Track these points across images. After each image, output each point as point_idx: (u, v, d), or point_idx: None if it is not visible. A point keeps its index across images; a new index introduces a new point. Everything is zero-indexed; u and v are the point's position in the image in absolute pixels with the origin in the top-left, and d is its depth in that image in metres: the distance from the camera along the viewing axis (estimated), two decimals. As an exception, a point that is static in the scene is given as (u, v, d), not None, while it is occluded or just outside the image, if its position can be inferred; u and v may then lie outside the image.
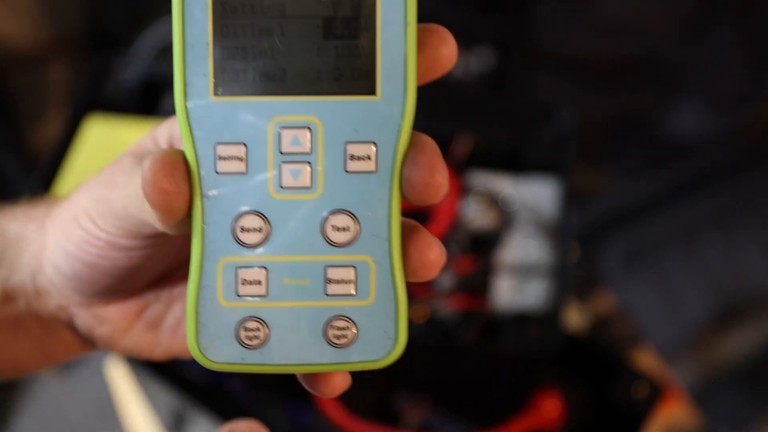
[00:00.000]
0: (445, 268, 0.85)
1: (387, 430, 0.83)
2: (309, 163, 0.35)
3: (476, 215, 0.87)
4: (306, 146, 0.35)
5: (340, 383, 0.37)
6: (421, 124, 0.35)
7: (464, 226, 0.87)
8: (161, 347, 0.46)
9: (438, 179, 0.35)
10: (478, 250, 0.86)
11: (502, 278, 0.84)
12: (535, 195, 0.88)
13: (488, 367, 0.86)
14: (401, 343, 0.36)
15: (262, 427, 0.35)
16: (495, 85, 1.27)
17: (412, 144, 0.35)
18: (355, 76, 0.35)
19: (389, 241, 0.35)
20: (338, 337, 0.36)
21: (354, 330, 0.36)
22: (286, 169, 0.35)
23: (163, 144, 0.40)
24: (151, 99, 1.01)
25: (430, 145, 0.35)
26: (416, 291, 0.83)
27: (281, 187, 0.35)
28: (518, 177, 0.89)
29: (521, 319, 0.82)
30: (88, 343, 0.46)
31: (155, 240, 0.40)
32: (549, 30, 1.48)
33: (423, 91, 0.38)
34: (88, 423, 0.95)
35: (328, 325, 0.36)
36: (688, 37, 1.53)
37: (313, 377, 0.37)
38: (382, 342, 0.36)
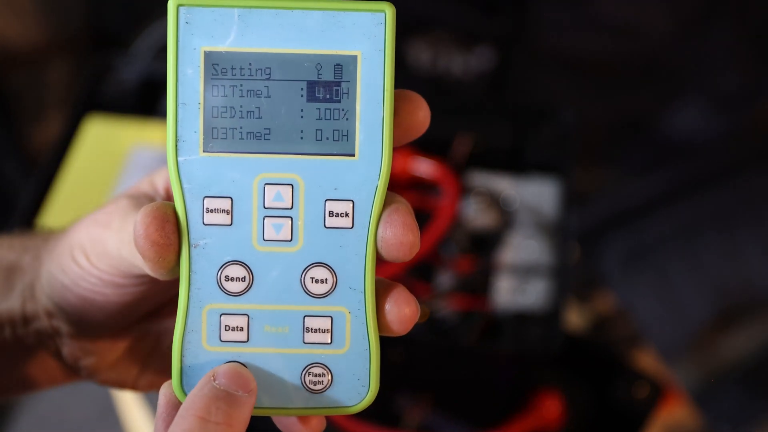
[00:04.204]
0: (446, 268, 0.85)
1: (387, 430, 0.83)
2: (291, 218, 0.37)
3: (476, 215, 0.87)
4: (288, 202, 0.37)
5: (316, 426, 0.39)
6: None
7: (464, 226, 0.87)
8: (145, 380, 0.47)
9: (411, 238, 0.37)
10: (478, 250, 0.86)
11: (502, 278, 0.84)
12: (535, 195, 0.88)
13: (488, 367, 0.86)
14: (373, 391, 0.38)
15: (242, 367, 0.37)
16: (495, 85, 1.27)
17: (387, 203, 0.37)
18: (335, 137, 0.37)
19: (364, 293, 0.38)
20: (314, 383, 0.38)
21: (329, 377, 0.38)
22: (269, 223, 0.37)
23: (161, 189, 0.42)
24: (150, 99, 1.01)
25: (404, 205, 0.37)
26: (417, 291, 0.83)
27: (264, 239, 0.37)
28: (518, 177, 0.89)
29: (521, 319, 0.82)
30: (73, 373, 0.47)
31: (146, 280, 0.41)
32: (549, 30, 1.48)
33: (423, 92, 0.39)
34: (88, 423, 0.95)
35: (305, 371, 0.38)
36: (688, 37, 1.53)
37: (288, 420, 0.38)
38: (356, 389, 0.38)
